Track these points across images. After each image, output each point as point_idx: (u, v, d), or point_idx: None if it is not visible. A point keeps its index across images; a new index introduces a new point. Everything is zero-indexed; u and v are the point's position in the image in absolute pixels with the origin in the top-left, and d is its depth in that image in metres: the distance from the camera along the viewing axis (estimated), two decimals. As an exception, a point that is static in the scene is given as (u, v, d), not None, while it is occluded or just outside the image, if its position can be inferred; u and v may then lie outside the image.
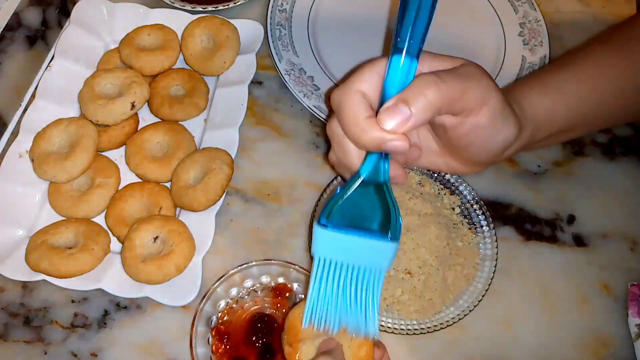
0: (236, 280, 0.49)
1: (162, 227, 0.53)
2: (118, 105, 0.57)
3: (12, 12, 0.63)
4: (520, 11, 0.71)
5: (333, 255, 0.37)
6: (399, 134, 0.35)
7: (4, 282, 0.53)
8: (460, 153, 0.42)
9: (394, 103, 0.35)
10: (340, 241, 0.37)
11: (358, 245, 0.37)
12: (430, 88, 0.34)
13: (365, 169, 0.38)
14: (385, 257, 0.37)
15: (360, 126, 0.36)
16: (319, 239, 0.37)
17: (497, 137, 0.39)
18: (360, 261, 0.37)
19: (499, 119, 0.38)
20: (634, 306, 0.53)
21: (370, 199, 0.38)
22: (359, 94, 0.36)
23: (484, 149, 0.40)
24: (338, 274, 0.38)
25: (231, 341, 0.48)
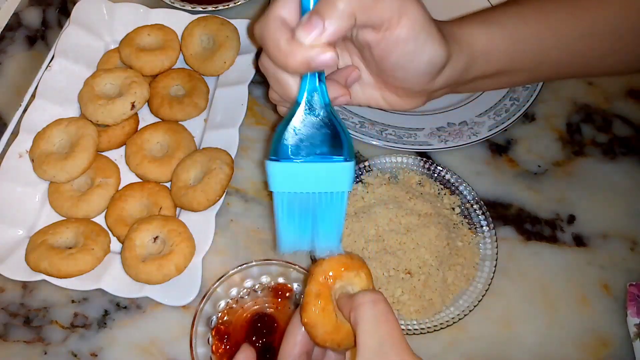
0: (236, 280, 0.49)
1: (162, 227, 0.53)
2: (118, 105, 0.57)
3: (12, 12, 0.63)
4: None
5: (292, 187, 0.37)
6: (323, 46, 0.34)
7: (4, 282, 0.53)
8: (391, 80, 0.41)
9: (308, 17, 0.34)
10: (295, 172, 0.37)
11: (314, 172, 0.37)
12: None
13: (302, 93, 0.37)
14: (344, 178, 0.37)
15: (283, 50, 0.35)
16: (273, 174, 0.37)
17: (422, 55, 0.38)
18: (320, 187, 0.37)
19: (421, 33, 0.37)
20: (633, 306, 0.53)
21: (317, 125, 0.37)
22: (278, 20, 0.36)
23: (411, 70, 0.39)
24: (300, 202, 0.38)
25: (231, 341, 0.48)
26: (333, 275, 0.38)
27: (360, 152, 0.62)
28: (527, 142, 0.63)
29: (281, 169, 0.37)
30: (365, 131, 0.60)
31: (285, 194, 0.37)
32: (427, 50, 0.38)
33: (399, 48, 0.37)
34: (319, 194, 0.37)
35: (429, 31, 0.38)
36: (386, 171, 0.59)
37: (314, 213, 0.38)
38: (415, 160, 0.59)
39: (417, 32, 0.37)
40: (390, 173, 0.59)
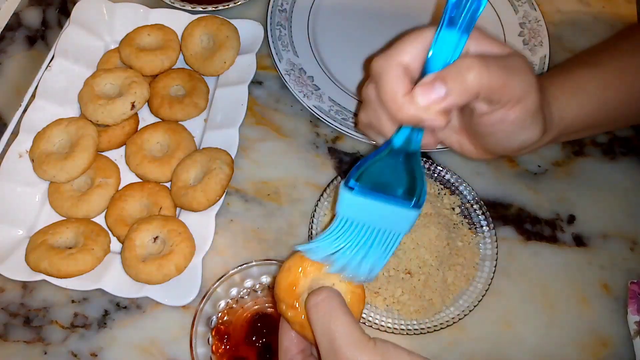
0: (236, 280, 0.49)
1: (162, 227, 0.53)
2: (118, 105, 0.57)
3: (12, 12, 0.63)
4: (520, 11, 0.71)
5: (355, 217, 0.37)
6: (437, 112, 0.34)
7: (4, 282, 0.53)
8: (477, 138, 0.41)
9: (432, 80, 0.34)
10: (364, 205, 0.37)
11: (381, 210, 0.37)
12: (473, 72, 0.33)
13: (399, 139, 0.38)
14: (406, 223, 0.37)
15: (398, 103, 0.35)
16: (343, 200, 0.37)
17: (520, 136, 0.39)
18: (380, 225, 0.37)
19: (528, 120, 0.38)
20: (634, 304, 0.53)
21: (397, 167, 0.38)
22: (401, 67, 0.36)
23: (502, 143, 0.40)
24: (356, 231, 0.38)
25: (231, 341, 0.48)
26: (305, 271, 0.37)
27: (360, 152, 0.62)
28: (527, 142, 0.63)
29: (352, 199, 0.37)
30: (365, 131, 0.60)
31: (347, 220, 0.38)
32: (527, 134, 0.39)
33: (502, 126, 0.38)
34: (376, 229, 0.38)
35: (536, 118, 0.38)
36: (386, 171, 0.59)
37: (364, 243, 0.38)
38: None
39: (525, 120, 0.37)
40: (390, 173, 0.59)
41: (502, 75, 0.34)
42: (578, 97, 0.44)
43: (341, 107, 0.62)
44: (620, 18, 0.74)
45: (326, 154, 0.62)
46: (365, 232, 0.38)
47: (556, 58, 0.68)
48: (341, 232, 0.38)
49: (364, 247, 0.38)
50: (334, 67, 0.66)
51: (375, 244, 0.38)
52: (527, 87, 0.37)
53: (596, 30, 0.73)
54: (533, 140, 0.40)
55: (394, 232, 0.38)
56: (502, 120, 0.37)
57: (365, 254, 0.38)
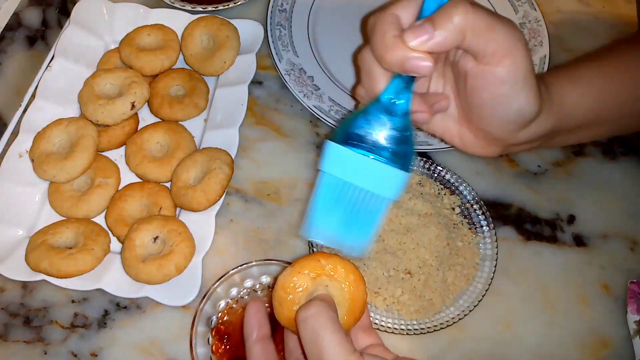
0: (236, 280, 0.49)
1: (162, 227, 0.53)
2: (118, 105, 0.57)
3: (12, 12, 0.63)
4: (520, 11, 0.71)
5: (341, 174, 0.36)
6: (424, 53, 0.35)
7: (4, 282, 0.53)
8: (475, 118, 0.41)
9: (421, 22, 0.36)
10: (351, 159, 0.36)
11: (369, 168, 0.36)
12: (458, 12, 0.35)
13: (387, 92, 0.37)
14: (393, 186, 0.36)
15: (386, 42, 0.36)
16: (329, 153, 0.36)
17: (514, 102, 0.38)
18: (367, 185, 0.36)
19: (519, 79, 0.37)
20: (633, 303, 0.53)
21: (387, 128, 0.37)
22: (393, 15, 0.37)
23: (498, 114, 0.39)
24: (341, 192, 0.37)
25: (231, 341, 0.48)
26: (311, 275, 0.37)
27: (360, 152, 0.62)
28: (527, 142, 0.63)
29: (338, 152, 0.36)
30: (365, 131, 0.60)
31: (332, 178, 0.37)
32: (520, 99, 0.38)
33: (494, 87, 0.38)
34: (363, 192, 0.37)
35: (528, 81, 0.38)
36: (386, 171, 0.59)
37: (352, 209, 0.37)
38: (415, 160, 0.59)
39: (516, 78, 0.37)
40: (390, 173, 0.59)
41: (488, 19, 0.36)
42: (578, 85, 0.43)
43: (341, 107, 0.62)
44: (620, 18, 0.74)
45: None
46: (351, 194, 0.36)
47: (556, 58, 0.68)
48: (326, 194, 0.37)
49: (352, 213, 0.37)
50: (334, 67, 0.66)
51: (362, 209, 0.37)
52: (514, 40, 0.37)
53: (596, 30, 0.73)
54: (528, 110, 0.39)
55: (381, 196, 0.37)
56: (492, 79, 0.37)
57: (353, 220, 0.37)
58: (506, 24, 0.37)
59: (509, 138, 0.41)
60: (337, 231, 0.37)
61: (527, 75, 0.38)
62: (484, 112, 0.40)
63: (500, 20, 0.37)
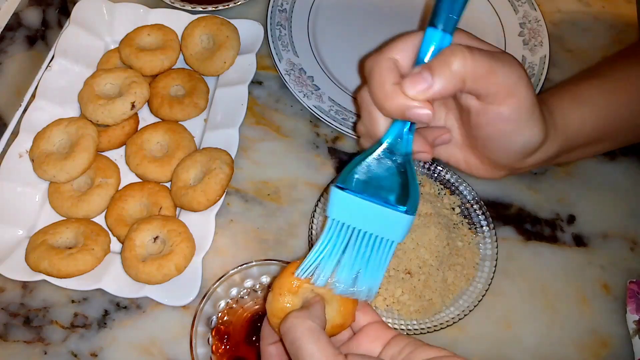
0: (236, 280, 0.49)
1: (162, 227, 0.53)
2: (118, 105, 0.57)
3: (12, 12, 0.63)
4: (520, 11, 0.71)
5: (347, 219, 0.37)
6: (423, 102, 0.35)
7: (4, 282, 0.53)
8: (480, 148, 0.41)
9: (419, 71, 0.35)
10: (356, 205, 0.36)
11: (373, 213, 0.36)
12: (457, 58, 0.34)
13: (388, 136, 0.38)
14: (400, 229, 0.36)
15: (386, 91, 0.36)
16: (334, 200, 0.37)
17: (518, 136, 0.38)
18: (373, 229, 0.37)
19: (523, 116, 0.37)
20: (633, 303, 0.53)
21: (390, 170, 0.37)
22: (391, 61, 0.37)
23: (503, 147, 0.39)
24: (348, 237, 0.37)
25: (231, 341, 0.48)
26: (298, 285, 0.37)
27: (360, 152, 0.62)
28: (527, 142, 0.63)
29: (343, 199, 0.36)
30: (365, 131, 0.60)
31: (339, 224, 0.37)
32: (526, 134, 0.38)
33: (498, 125, 0.37)
34: (368, 235, 0.37)
35: (533, 115, 0.38)
36: (386, 171, 0.59)
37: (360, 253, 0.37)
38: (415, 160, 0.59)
39: (520, 115, 0.37)
40: (390, 173, 0.59)
41: (487, 63, 0.35)
42: (581, 106, 0.43)
43: (341, 107, 0.62)
44: (620, 18, 0.74)
45: (326, 154, 0.62)
46: (358, 238, 0.37)
47: (556, 58, 0.68)
48: (334, 239, 0.37)
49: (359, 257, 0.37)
50: (334, 67, 0.66)
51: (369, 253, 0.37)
52: (516, 79, 0.36)
53: (596, 30, 0.73)
54: (533, 142, 0.39)
55: (388, 240, 0.37)
56: (498, 118, 0.37)
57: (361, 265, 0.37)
58: (507, 63, 0.36)
59: (515, 164, 0.41)
60: (346, 275, 0.37)
61: (531, 111, 0.37)
62: (490, 145, 0.40)
63: (500, 60, 0.36)
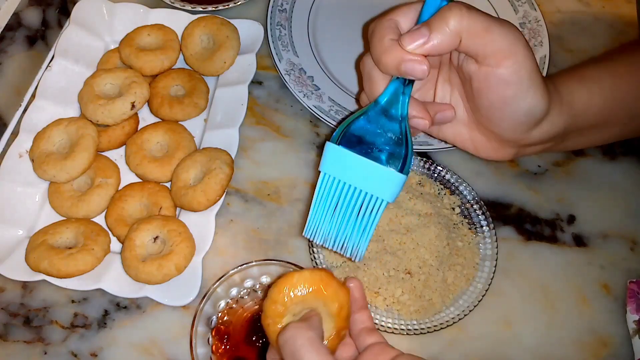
0: (236, 280, 0.49)
1: (162, 227, 0.53)
2: (118, 105, 0.57)
3: (12, 12, 0.63)
4: (520, 11, 0.71)
5: (340, 174, 0.37)
6: (420, 57, 0.36)
7: (4, 282, 0.53)
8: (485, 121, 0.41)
9: (418, 27, 0.37)
10: (349, 161, 0.37)
11: (366, 169, 0.37)
12: (454, 15, 0.35)
13: (385, 95, 0.38)
14: (391, 188, 0.37)
15: (384, 45, 0.37)
16: (328, 154, 0.38)
17: (522, 102, 0.38)
18: (365, 186, 0.37)
19: (524, 79, 0.37)
20: (633, 303, 0.53)
21: (385, 131, 0.38)
22: (392, 21, 0.38)
23: (507, 115, 0.39)
24: (341, 193, 0.38)
25: (231, 341, 0.48)
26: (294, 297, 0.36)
27: (360, 152, 0.62)
28: (527, 142, 0.63)
29: (337, 153, 0.37)
30: (365, 131, 0.60)
31: (331, 179, 0.38)
32: (528, 99, 0.38)
33: (499, 88, 0.37)
34: (360, 193, 0.37)
35: (533, 80, 0.37)
36: (386, 171, 0.59)
37: (351, 210, 0.38)
38: (415, 160, 0.59)
39: (520, 78, 0.37)
40: (390, 173, 0.59)
41: (484, 22, 0.36)
42: (587, 84, 0.43)
43: (341, 107, 0.62)
44: (620, 18, 0.74)
45: None
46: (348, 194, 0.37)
47: (556, 58, 0.68)
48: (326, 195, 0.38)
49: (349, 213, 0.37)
50: (334, 67, 0.66)
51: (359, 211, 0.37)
52: (514, 41, 0.36)
53: (596, 30, 0.73)
54: (537, 109, 0.38)
55: (378, 198, 0.37)
56: (497, 81, 0.37)
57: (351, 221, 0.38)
58: (504, 25, 0.37)
59: (521, 138, 0.41)
60: (337, 232, 0.38)
61: (531, 74, 0.37)
62: (493, 114, 0.40)
63: (497, 21, 0.37)
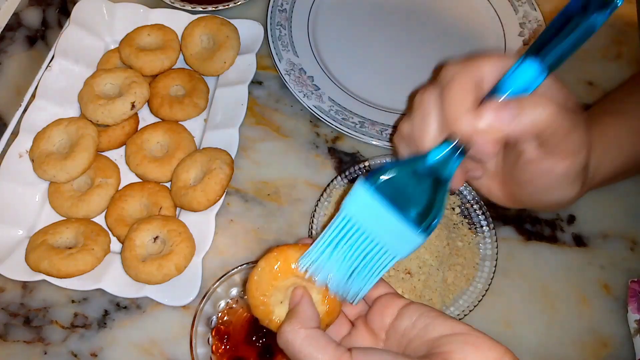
0: (236, 280, 0.49)
1: (162, 227, 0.53)
2: (118, 105, 0.57)
3: (12, 12, 0.63)
4: (520, 11, 0.71)
5: (362, 220, 0.36)
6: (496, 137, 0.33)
7: (4, 282, 0.53)
8: (512, 186, 0.40)
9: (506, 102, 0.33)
10: (374, 208, 0.35)
11: (387, 221, 0.35)
12: (548, 109, 0.32)
13: (436, 154, 0.36)
14: (407, 247, 0.36)
15: (460, 112, 0.33)
16: (355, 195, 0.36)
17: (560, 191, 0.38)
18: (380, 237, 0.36)
19: (572, 176, 0.37)
20: (634, 302, 0.53)
21: (422, 188, 0.36)
22: (474, 80, 0.34)
23: (539, 196, 0.38)
24: (353, 235, 0.36)
25: (231, 341, 0.48)
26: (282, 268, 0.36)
27: (360, 152, 0.62)
28: (527, 142, 0.63)
29: (367, 198, 0.35)
30: (365, 131, 0.60)
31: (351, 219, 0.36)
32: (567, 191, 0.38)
33: (547, 177, 0.37)
34: (373, 242, 0.36)
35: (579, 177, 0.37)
36: (386, 171, 0.59)
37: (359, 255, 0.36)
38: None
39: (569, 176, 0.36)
40: (390, 173, 0.59)
41: (570, 125, 0.34)
42: (611, 150, 0.43)
43: (341, 107, 0.62)
44: (620, 18, 0.74)
45: (326, 154, 0.62)
46: (362, 241, 0.36)
47: (556, 58, 0.68)
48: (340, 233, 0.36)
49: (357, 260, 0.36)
50: (334, 67, 0.66)
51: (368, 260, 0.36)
52: (583, 144, 0.36)
53: (596, 30, 0.73)
54: (569, 199, 0.39)
55: (391, 253, 0.36)
56: (550, 171, 0.36)
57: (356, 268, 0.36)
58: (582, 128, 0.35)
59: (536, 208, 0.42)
60: (339, 272, 0.36)
61: (581, 172, 0.37)
62: (525, 189, 0.39)
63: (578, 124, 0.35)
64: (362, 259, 0.36)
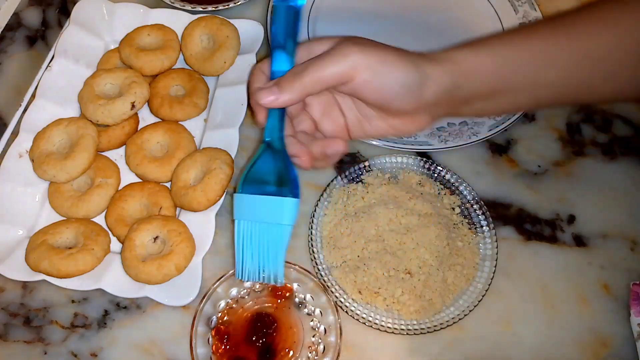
0: (236, 280, 0.49)
1: (162, 227, 0.53)
2: (118, 105, 0.57)
3: (12, 12, 0.63)
4: (520, 11, 0.71)
5: (248, 216, 0.43)
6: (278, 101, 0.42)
7: (4, 282, 0.53)
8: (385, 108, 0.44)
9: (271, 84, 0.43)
10: (251, 202, 0.43)
11: (265, 204, 0.43)
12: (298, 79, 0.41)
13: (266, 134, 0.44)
14: (288, 213, 0.42)
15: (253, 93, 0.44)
16: (235, 203, 0.44)
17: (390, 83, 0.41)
18: (269, 219, 0.42)
19: (379, 71, 0.41)
20: (637, 305, 0.53)
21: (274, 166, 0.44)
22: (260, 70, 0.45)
23: (390, 96, 0.42)
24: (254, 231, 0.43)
25: (231, 341, 0.48)
26: None
27: (360, 152, 0.62)
28: (527, 142, 0.63)
29: (240, 200, 0.44)
30: (365, 131, 0.61)
31: (243, 223, 0.43)
32: (393, 78, 0.41)
33: (368, 88, 0.42)
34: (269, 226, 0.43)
35: (387, 65, 0.41)
36: (386, 171, 0.59)
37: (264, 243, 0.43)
38: (415, 160, 0.59)
39: (376, 72, 0.41)
40: (390, 173, 0.59)
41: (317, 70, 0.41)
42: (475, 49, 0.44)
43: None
44: None
45: None
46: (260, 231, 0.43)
47: (556, 58, 0.68)
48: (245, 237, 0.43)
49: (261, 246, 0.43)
50: (334, 67, 0.66)
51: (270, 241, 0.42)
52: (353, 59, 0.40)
53: (596, 30, 0.73)
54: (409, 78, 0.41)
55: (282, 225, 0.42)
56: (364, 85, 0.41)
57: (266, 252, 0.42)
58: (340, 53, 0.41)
59: (420, 103, 0.43)
60: (258, 266, 0.43)
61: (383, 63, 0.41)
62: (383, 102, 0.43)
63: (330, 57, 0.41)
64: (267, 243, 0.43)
